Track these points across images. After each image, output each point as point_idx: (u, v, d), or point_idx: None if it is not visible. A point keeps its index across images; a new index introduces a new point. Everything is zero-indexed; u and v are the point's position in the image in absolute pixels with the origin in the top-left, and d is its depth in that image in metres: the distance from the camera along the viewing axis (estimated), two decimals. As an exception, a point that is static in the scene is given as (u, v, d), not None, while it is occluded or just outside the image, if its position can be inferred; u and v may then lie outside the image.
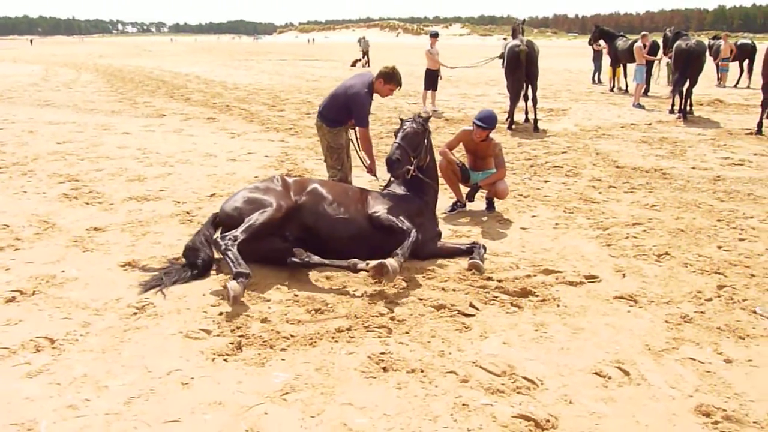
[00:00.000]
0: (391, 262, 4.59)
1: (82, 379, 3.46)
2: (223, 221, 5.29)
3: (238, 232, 4.82)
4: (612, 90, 20.77)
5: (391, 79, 6.46)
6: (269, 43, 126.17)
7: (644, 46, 16.90)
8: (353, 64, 36.63)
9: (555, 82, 24.86)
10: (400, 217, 5.21)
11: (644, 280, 5.06)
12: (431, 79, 15.41)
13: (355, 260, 4.87)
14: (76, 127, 13.06)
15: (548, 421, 3.13)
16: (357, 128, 6.68)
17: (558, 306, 4.53)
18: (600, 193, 7.90)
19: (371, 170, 6.88)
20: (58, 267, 5.18)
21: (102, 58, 45.15)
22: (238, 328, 4.10)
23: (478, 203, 7.15)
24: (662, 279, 5.08)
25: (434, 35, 15.80)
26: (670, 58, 15.34)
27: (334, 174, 6.78)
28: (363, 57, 36.98)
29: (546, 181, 8.54)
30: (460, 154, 7.62)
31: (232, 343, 3.87)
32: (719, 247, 5.83)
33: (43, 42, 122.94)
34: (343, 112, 6.63)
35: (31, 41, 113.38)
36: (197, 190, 7.84)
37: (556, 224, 6.57)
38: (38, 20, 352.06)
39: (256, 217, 4.98)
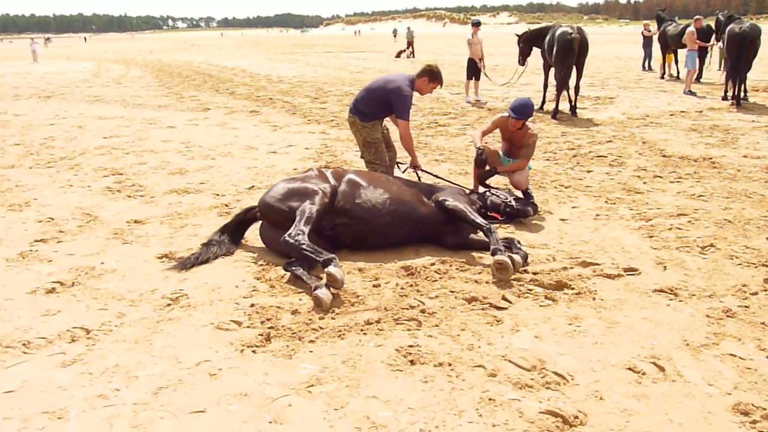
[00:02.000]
0: (514, 258, 4.79)
1: (113, 369, 3.53)
2: (264, 213, 5.32)
3: (301, 226, 4.82)
4: (663, 77, 20.13)
5: (435, 78, 6.44)
6: (315, 36, 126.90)
7: (697, 30, 16.28)
8: (398, 55, 36.51)
9: (604, 69, 24.24)
10: (472, 210, 5.37)
11: (686, 272, 4.88)
12: (473, 68, 15.23)
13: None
14: (123, 121, 13.38)
15: (576, 417, 3.04)
16: (398, 123, 6.59)
17: (594, 299, 4.40)
18: (645, 183, 7.66)
19: (414, 165, 6.81)
20: (98, 259, 5.31)
21: (151, 54, 46.19)
22: (268, 319, 4.12)
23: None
24: (705, 272, 4.88)
25: (476, 24, 15.60)
26: (722, 43, 14.75)
27: (375, 169, 6.75)
28: (408, 48, 36.80)
29: (589, 171, 8.33)
30: (496, 140, 7.48)
31: (261, 335, 3.89)
32: (768, 239, 5.58)
33: (96, 39, 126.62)
34: (380, 107, 6.57)
35: (85, 39, 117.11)
36: (236, 182, 7.93)
37: (597, 215, 6.40)
38: (92, 18, 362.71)
39: (308, 206, 4.98)
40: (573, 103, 12.92)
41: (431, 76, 6.45)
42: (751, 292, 4.49)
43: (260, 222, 5.46)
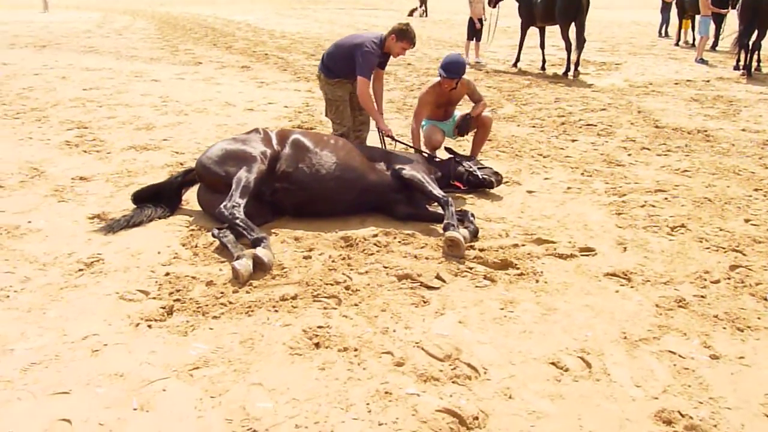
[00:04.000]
0: (461, 234, 4.43)
1: (-9, 339, 3.26)
2: (201, 175, 5.01)
3: (237, 198, 4.51)
4: (677, 44, 19.29)
5: (403, 36, 5.92)
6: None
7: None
8: (410, 14, 35.52)
9: (617, 35, 23.33)
10: (430, 180, 5.02)
11: (647, 255, 4.49)
12: (473, 28, 14.65)
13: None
14: (109, 73, 13.00)
15: (476, 418, 2.72)
16: (358, 79, 6.15)
17: (537, 282, 4.05)
18: (629, 155, 7.21)
19: (379, 128, 6.34)
20: (27, 217, 5.02)
21: (161, 6, 45.41)
22: (178, 291, 3.82)
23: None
24: (668, 255, 4.50)
25: None
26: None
27: (336, 129, 6.36)
28: (420, 6, 35.80)
29: (574, 140, 7.88)
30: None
31: (163, 308, 3.60)
32: (747, 221, 5.16)
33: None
34: (345, 63, 6.14)
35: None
36: (201, 140, 7.58)
37: (568, 188, 5.99)
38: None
39: (245, 175, 4.66)
40: (569, 65, 12.79)
41: (399, 34, 5.98)
42: (712, 280, 4.11)
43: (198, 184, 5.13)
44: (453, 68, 6.00)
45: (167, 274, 4.05)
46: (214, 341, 3.29)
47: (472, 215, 4.91)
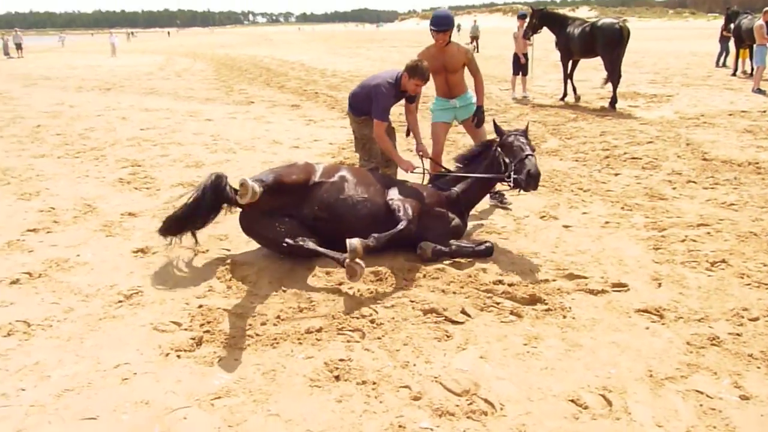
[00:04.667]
0: (352, 241, 4.31)
1: (31, 367, 3.45)
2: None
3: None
4: (734, 74, 18.83)
5: (414, 72, 5.86)
6: (389, 31, 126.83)
7: (766, 24, 15.08)
8: (462, 49, 36.00)
9: (672, 66, 22.95)
10: (407, 205, 4.94)
11: (682, 291, 4.38)
12: (519, 63, 14.72)
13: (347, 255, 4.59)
14: (166, 113, 13.61)
15: (488, 454, 2.70)
16: (374, 122, 6.18)
17: (564, 317, 4.00)
18: (674, 188, 7.06)
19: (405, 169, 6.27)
20: (76, 251, 5.29)
21: (222, 48, 47.28)
22: (209, 322, 3.95)
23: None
24: (705, 291, 4.38)
25: (522, 17, 15.02)
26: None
27: (364, 165, 6.46)
28: (471, 42, 36.16)
29: (617, 174, 7.77)
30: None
31: (193, 339, 3.73)
32: (793, 256, 4.97)
33: (178, 34, 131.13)
34: (367, 104, 6.22)
35: (168, 33, 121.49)
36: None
37: (606, 222, 5.91)
38: (177, 13, 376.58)
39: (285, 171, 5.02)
40: (615, 96, 12.90)
41: (410, 71, 5.86)
42: (750, 318, 3.98)
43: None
44: (440, 21, 6.07)
45: (200, 306, 4.19)
46: (238, 372, 3.38)
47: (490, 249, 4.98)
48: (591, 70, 18.14)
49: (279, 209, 4.89)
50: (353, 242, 4.26)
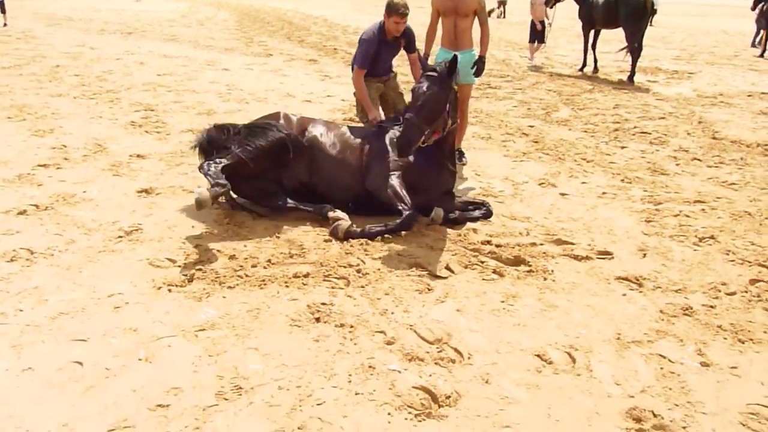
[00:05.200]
0: (342, 226, 4.53)
1: (31, 291, 3.64)
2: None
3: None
4: (762, 55, 18.46)
5: (389, 10, 5.66)
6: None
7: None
8: (489, 13, 35.51)
9: (700, 43, 22.52)
10: (402, 191, 4.77)
11: (665, 263, 4.47)
12: (536, 31, 14.63)
13: (327, 206, 4.72)
14: (184, 61, 13.67)
15: (449, 397, 2.86)
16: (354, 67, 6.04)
17: (545, 279, 4.12)
18: (677, 165, 7.07)
19: (373, 118, 5.88)
20: (83, 188, 5.46)
21: (247, -1, 46.81)
22: (202, 261, 4.12)
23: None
24: (688, 264, 4.46)
25: None
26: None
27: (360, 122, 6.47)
28: (498, 7, 35.55)
29: (623, 147, 7.78)
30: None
31: (185, 275, 3.90)
32: (783, 237, 5.02)
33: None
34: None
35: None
36: (255, 127, 7.92)
37: (603, 193, 5.97)
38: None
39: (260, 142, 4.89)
40: (634, 69, 12.82)
41: (387, 10, 5.70)
42: (727, 292, 4.07)
43: None
44: None
45: (196, 246, 4.36)
46: (224, 308, 3.55)
47: (489, 209, 5.06)
48: (617, 42, 17.83)
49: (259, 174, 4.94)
50: (340, 225, 4.53)
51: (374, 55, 5.90)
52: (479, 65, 6.22)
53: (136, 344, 3.15)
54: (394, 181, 4.81)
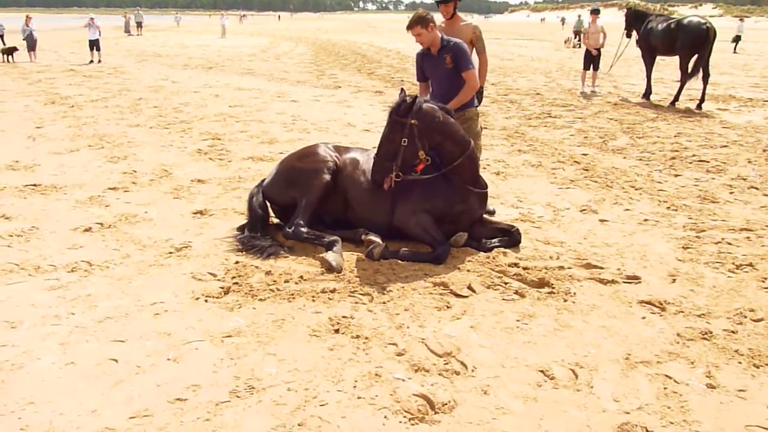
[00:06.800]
0: (378, 248, 4.72)
1: (84, 298, 4.06)
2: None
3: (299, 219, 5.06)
4: None
5: (407, 27, 5.58)
6: (497, 22, 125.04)
7: None
8: (565, 42, 35.60)
9: (784, 69, 21.62)
10: (430, 228, 4.92)
11: (694, 289, 4.45)
12: (589, 58, 14.68)
13: (362, 230, 4.97)
14: (256, 93, 14.44)
15: (445, 404, 3.02)
16: None
17: (565, 301, 4.19)
18: (731, 193, 6.92)
19: None
20: (145, 209, 5.95)
21: (325, 33, 48.57)
22: (240, 276, 4.44)
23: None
24: (718, 291, 4.42)
25: (595, 12, 14.99)
26: None
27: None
28: (575, 37, 35.33)
29: (677, 175, 7.68)
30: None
31: (222, 288, 4.23)
32: (828, 266, 4.87)
33: (288, 18, 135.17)
34: None
35: (279, 17, 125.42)
36: (311, 155, 8.33)
37: (645, 220, 5.95)
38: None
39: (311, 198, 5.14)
40: (678, 95, 13.02)
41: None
42: (754, 318, 4.02)
43: None
44: None
45: (237, 262, 4.70)
46: (252, 318, 3.84)
47: (518, 233, 5.16)
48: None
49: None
50: (376, 248, 4.73)
51: (421, 67, 5.80)
52: (477, 96, 5.91)
53: (167, 346, 3.48)
54: (422, 218, 4.94)
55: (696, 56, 12.42)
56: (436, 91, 5.70)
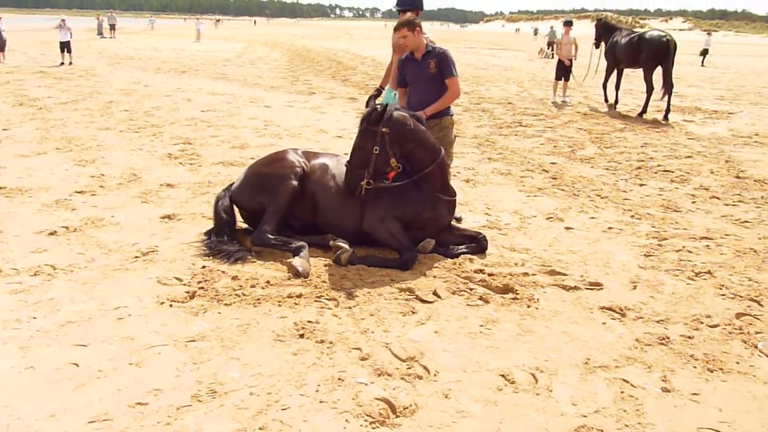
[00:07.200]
0: (344, 256, 4.77)
1: (46, 301, 4.02)
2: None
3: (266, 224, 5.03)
4: (811, 96, 18.08)
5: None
6: (473, 32, 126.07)
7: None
8: (539, 52, 36.13)
9: (750, 83, 22.19)
10: (398, 234, 4.99)
11: (654, 295, 4.56)
12: (562, 69, 14.96)
13: (329, 236, 5.00)
14: (229, 98, 14.38)
15: (407, 408, 3.05)
16: None
17: (528, 307, 4.26)
18: (693, 202, 7.10)
19: None
20: (112, 213, 5.90)
21: (301, 39, 48.57)
22: (206, 281, 4.43)
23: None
24: (677, 297, 4.53)
25: (567, 23, 15.43)
26: None
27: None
28: (548, 48, 35.84)
29: (642, 185, 7.84)
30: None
31: (188, 293, 4.22)
32: (784, 275, 5.02)
33: (264, 23, 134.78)
34: None
35: (254, 22, 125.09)
36: (283, 160, 8.33)
37: (609, 228, 6.07)
38: (267, 3, 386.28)
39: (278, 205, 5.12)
40: (645, 107, 13.45)
41: None
42: (710, 324, 4.13)
43: None
44: (401, 0, 5.89)
45: (203, 267, 4.69)
46: (217, 323, 3.84)
47: (484, 240, 5.23)
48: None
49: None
50: (343, 253, 4.78)
51: (402, 71, 5.74)
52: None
53: (130, 351, 3.46)
54: (391, 224, 5.01)
55: (661, 69, 12.84)
56: (414, 97, 5.69)
